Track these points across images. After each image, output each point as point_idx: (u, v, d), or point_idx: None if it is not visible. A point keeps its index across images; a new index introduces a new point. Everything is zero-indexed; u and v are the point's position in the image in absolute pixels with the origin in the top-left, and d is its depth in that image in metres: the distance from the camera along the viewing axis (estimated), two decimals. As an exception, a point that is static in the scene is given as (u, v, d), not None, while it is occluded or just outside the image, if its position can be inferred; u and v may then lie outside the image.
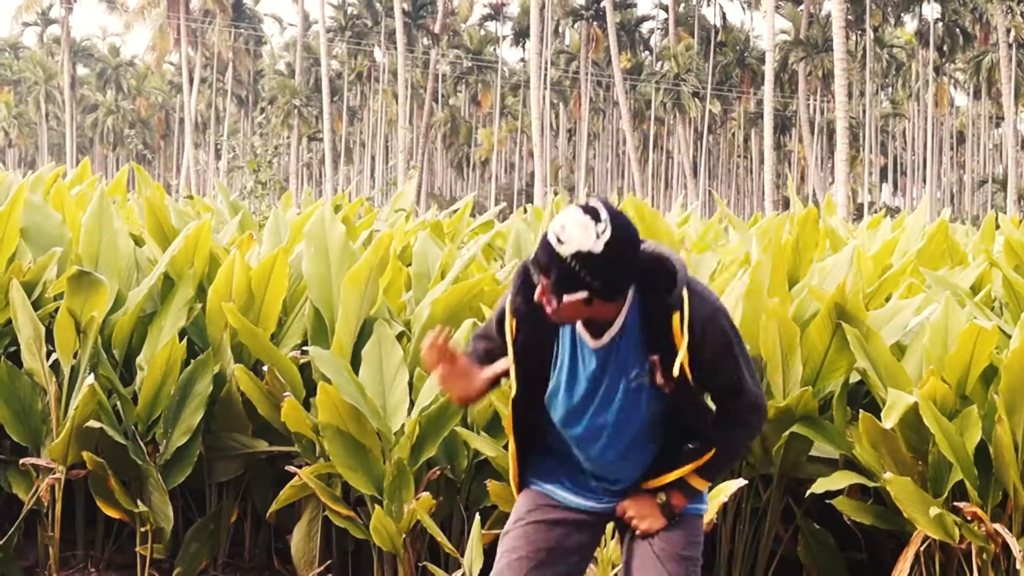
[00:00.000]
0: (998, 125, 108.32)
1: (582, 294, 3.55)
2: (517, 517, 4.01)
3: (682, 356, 3.63)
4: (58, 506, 6.57)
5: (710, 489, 4.07)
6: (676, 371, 3.64)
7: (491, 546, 6.32)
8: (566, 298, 3.55)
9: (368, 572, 6.61)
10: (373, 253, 6.50)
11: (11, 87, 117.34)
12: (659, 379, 3.68)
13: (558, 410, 3.84)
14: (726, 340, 3.68)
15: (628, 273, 3.58)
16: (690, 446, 3.83)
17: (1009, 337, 6.32)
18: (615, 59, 76.73)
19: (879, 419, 5.70)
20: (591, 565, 5.46)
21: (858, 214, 69.32)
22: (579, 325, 3.75)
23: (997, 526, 5.57)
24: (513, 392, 3.86)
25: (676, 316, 3.62)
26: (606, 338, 3.72)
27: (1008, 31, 76.59)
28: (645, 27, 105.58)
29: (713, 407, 3.86)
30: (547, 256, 3.53)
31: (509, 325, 3.78)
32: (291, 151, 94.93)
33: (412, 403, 6.22)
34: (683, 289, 3.62)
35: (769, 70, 62.07)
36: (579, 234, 3.48)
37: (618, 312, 3.68)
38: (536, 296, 3.62)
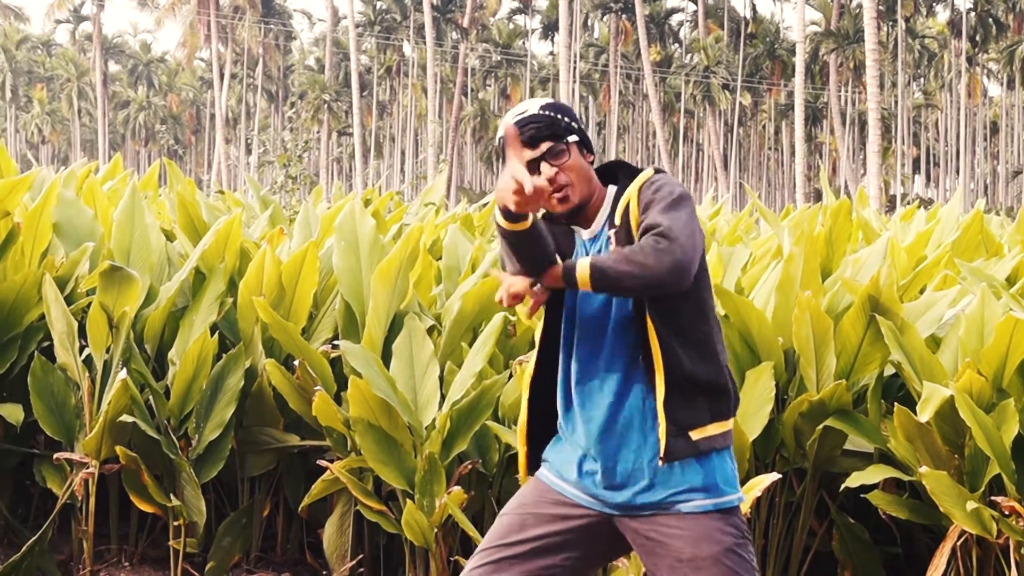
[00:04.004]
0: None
1: (574, 137, 3.68)
2: (521, 502, 3.95)
3: (633, 212, 3.62)
4: (91, 500, 6.57)
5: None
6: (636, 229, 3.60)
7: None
8: (568, 155, 3.66)
9: (400, 566, 6.61)
10: (403, 247, 6.47)
11: (44, 84, 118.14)
12: (612, 245, 3.67)
13: (567, 330, 3.81)
14: (671, 190, 3.59)
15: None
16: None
17: (1046, 329, 6.25)
18: (644, 52, 76.57)
19: (914, 412, 5.64)
20: None
21: (891, 206, 69.08)
22: (579, 230, 3.81)
23: (1034, 520, 5.52)
24: (536, 348, 3.87)
25: (633, 185, 3.69)
26: (596, 226, 3.76)
27: (1041, 21, 76.09)
28: (674, 19, 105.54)
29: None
30: (527, 128, 3.64)
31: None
32: (321, 146, 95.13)
33: (443, 397, 6.20)
34: (648, 170, 3.74)
35: (800, 62, 61.93)
36: (528, 102, 3.71)
37: (603, 199, 3.77)
38: (546, 178, 3.64)
